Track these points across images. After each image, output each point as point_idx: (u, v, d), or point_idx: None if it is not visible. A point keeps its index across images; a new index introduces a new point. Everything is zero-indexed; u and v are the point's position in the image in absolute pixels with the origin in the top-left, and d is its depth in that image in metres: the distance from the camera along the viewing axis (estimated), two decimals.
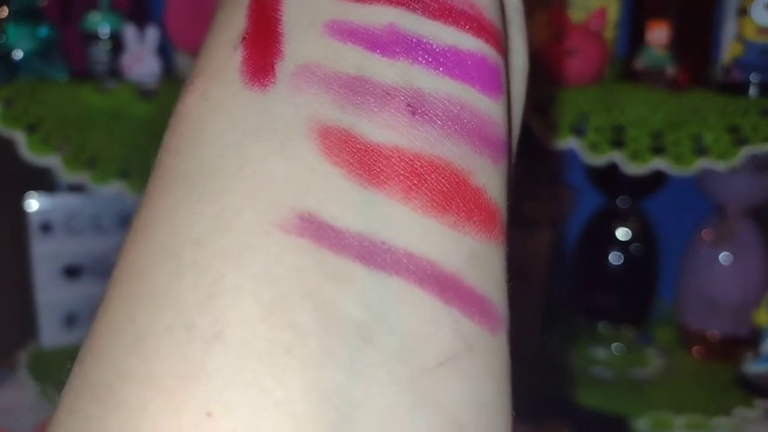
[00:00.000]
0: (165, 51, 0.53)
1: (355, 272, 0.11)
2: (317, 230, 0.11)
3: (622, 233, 0.61)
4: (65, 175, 0.49)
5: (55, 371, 0.55)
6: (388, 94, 0.12)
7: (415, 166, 0.12)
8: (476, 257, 0.12)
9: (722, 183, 0.57)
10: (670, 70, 0.48)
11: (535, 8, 0.49)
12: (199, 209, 0.12)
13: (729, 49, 0.47)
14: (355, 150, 0.12)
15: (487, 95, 0.13)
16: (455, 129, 0.13)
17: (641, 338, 0.60)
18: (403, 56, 0.13)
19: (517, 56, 0.16)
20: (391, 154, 0.12)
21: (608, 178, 0.61)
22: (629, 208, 0.61)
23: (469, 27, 0.13)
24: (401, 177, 0.12)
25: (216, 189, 0.12)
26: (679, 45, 0.50)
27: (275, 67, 0.13)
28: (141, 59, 0.50)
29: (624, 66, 0.55)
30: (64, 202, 0.57)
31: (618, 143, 0.46)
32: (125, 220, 0.59)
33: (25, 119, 0.48)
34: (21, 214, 0.56)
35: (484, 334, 0.12)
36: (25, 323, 0.59)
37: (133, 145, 0.50)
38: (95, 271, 0.59)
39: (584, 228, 0.64)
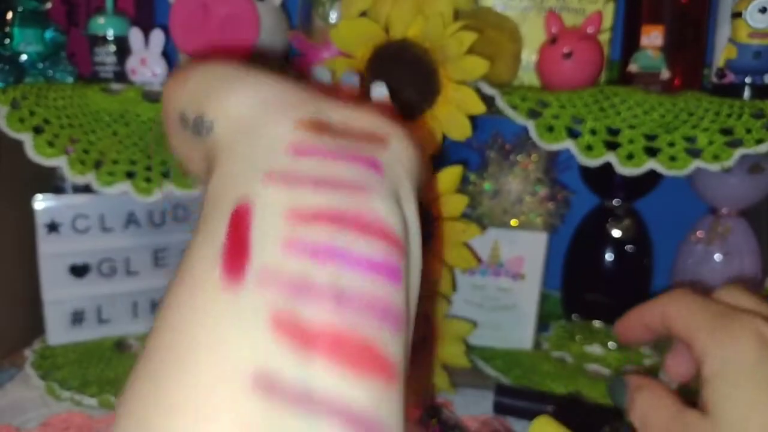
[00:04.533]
0: (170, 54, 0.54)
1: (290, 414, 0.16)
2: (270, 387, 0.16)
3: (616, 233, 0.62)
4: (72, 176, 0.49)
5: (61, 369, 0.56)
6: (321, 290, 0.18)
7: (337, 336, 0.17)
8: (378, 399, 0.17)
9: (716, 184, 0.58)
10: (665, 72, 0.49)
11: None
12: (188, 378, 0.17)
13: (722, 52, 0.48)
14: (296, 327, 0.17)
15: (390, 283, 0.19)
16: (366, 309, 0.18)
17: None
18: (333, 262, 0.18)
19: (414, 251, 0.21)
20: (321, 329, 0.17)
21: (603, 179, 0.62)
22: (623, 209, 0.62)
23: (379, 238, 0.19)
24: (327, 345, 0.17)
25: (200, 362, 0.17)
26: (673, 48, 0.51)
27: (245, 270, 0.18)
28: (146, 63, 0.51)
29: (619, 69, 0.56)
30: (70, 202, 0.58)
31: (613, 145, 0.46)
32: (130, 221, 0.60)
33: (32, 121, 0.49)
34: (28, 214, 0.57)
35: None
36: (32, 321, 0.60)
37: (138, 147, 0.51)
38: (101, 271, 0.60)
39: (579, 228, 0.65)
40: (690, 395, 0.31)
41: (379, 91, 0.40)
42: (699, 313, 0.30)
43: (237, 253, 0.18)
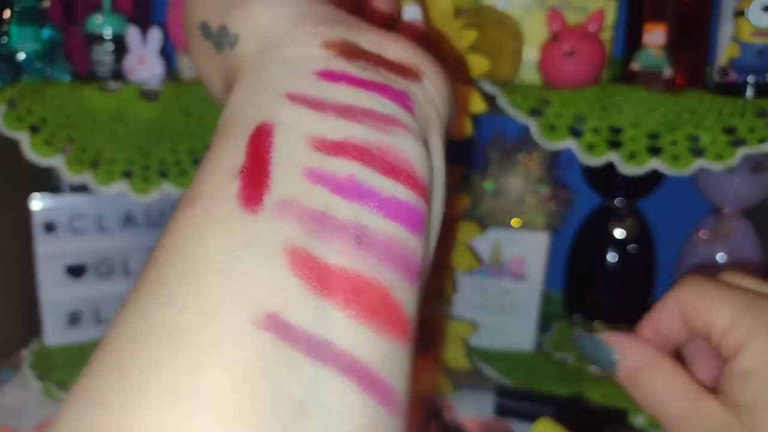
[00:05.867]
0: (168, 53, 0.53)
1: (301, 362, 0.15)
2: (278, 327, 0.15)
3: (618, 233, 0.62)
4: (68, 175, 0.49)
5: (59, 370, 0.56)
6: (342, 227, 0.16)
7: (355, 283, 0.16)
8: (389, 356, 0.16)
9: (718, 183, 0.58)
10: (667, 71, 0.49)
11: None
12: (193, 300, 0.15)
13: (725, 51, 0.48)
14: (313, 268, 0.16)
15: (412, 233, 0.18)
16: (386, 257, 0.17)
17: None
18: (356, 200, 0.17)
19: (436, 205, 0.20)
20: (339, 273, 0.16)
21: (605, 178, 0.62)
22: (626, 208, 0.62)
23: (406, 182, 0.18)
24: (344, 291, 0.16)
25: (208, 285, 0.15)
26: (675, 46, 0.50)
27: (263, 198, 0.16)
28: (144, 61, 0.51)
29: (621, 67, 0.56)
30: (67, 202, 0.58)
31: (615, 144, 0.46)
32: (128, 221, 0.60)
33: (29, 120, 0.48)
34: (25, 213, 0.56)
35: (384, 414, 0.16)
36: (29, 322, 0.60)
37: (136, 146, 0.50)
38: (98, 271, 0.60)
39: (581, 228, 0.65)
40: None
41: (413, 12, 0.36)
42: (727, 301, 0.26)
43: (256, 177, 0.17)
